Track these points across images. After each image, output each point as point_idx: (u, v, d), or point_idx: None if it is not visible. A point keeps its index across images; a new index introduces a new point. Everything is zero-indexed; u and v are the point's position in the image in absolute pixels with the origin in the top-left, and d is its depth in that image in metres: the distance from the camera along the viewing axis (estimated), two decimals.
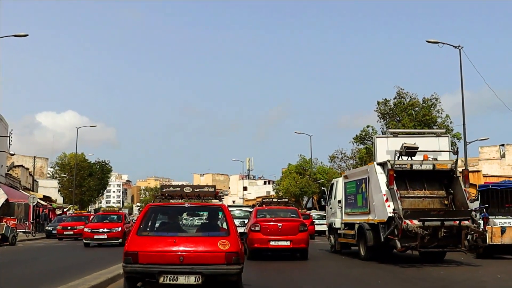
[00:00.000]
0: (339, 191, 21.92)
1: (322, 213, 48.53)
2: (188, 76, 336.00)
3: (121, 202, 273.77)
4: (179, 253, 8.48)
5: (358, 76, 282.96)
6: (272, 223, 18.71)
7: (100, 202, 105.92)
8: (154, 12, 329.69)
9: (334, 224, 22.16)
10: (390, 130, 22.03)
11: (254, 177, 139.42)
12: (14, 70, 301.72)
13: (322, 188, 24.14)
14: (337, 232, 21.77)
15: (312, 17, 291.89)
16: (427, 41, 33.42)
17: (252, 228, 18.42)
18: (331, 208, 23.20)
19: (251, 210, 24.37)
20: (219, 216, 9.77)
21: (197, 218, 12.56)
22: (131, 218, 42.86)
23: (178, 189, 10.74)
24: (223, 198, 14.52)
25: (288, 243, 18.29)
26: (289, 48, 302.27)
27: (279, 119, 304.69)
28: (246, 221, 22.73)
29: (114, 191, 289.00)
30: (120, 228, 28.12)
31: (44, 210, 53.95)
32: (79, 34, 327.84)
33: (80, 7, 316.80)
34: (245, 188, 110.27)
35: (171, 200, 10.23)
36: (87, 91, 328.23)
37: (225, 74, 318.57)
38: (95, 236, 27.60)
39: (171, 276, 8.35)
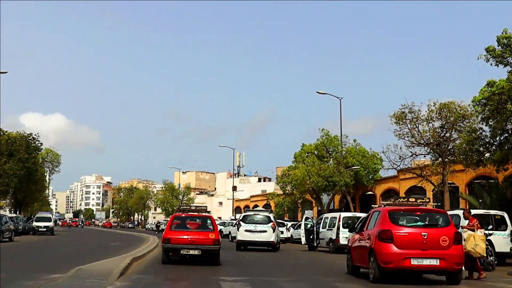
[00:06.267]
0: None
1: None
2: (173, 81, 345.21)
3: (100, 204, 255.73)
4: (190, 239, 17.27)
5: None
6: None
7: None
8: (141, 16, 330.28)
9: None
10: None
11: (245, 174, 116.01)
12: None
13: None
14: None
15: (300, 20, 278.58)
16: None
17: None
18: None
19: (269, 214, 29.14)
20: (208, 221, 18.78)
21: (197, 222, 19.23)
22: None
23: (188, 207, 20.73)
24: (210, 212, 21.51)
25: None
26: (275, 51, 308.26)
27: (266, 122, 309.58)
28: (267, 226, 27.99)
29: (93, 193, 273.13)
30: None
31: None
32: (68, 38, 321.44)
33: (68, 10, 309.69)
34: (234, 188, 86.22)
35: (183, 212, 19.58)
36: (74, 94, 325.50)
37: (209, 79, 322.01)
38: None
39: (186, 250, 17.17)
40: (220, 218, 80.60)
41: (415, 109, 32.57)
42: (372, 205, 16.54)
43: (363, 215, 29.40)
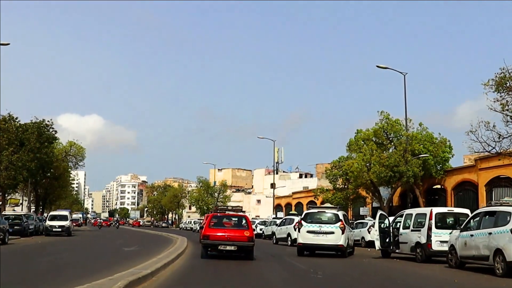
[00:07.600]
0: None
1: None
2: (207, 80, 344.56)
3: (136, 203, 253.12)
4: (227, 236, 18.94)
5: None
6: None
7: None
8: (174, 16, 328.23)
9: None
10: None
11: (284, 171, 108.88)
12: (38, 71, 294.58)
13: None
14: None
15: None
16: None
17: None
18: None
19: (337, 212, 23.33)
20: (243, 220, 20.32)
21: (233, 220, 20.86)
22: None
23: (225, 207, 23.85)
24: (245, 212, 24.22)
25: None
26: (308, 46, 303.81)
27: (301, 120, 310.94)
28: (334, 226, 22.19)
29: (129, 192, 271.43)
30: None
31: None
32: (104, 41, 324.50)
33: (100, 10, 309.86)
34: (272, 185, 79.08)
35: (220, 212, 21.38)
36: (111, 95, 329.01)
37: (244, 77, 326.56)
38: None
39: (223, 246, 18.73)
40: (258, 216, 73.63)
41: None
42: None
43: (464, 211, 21.83)
